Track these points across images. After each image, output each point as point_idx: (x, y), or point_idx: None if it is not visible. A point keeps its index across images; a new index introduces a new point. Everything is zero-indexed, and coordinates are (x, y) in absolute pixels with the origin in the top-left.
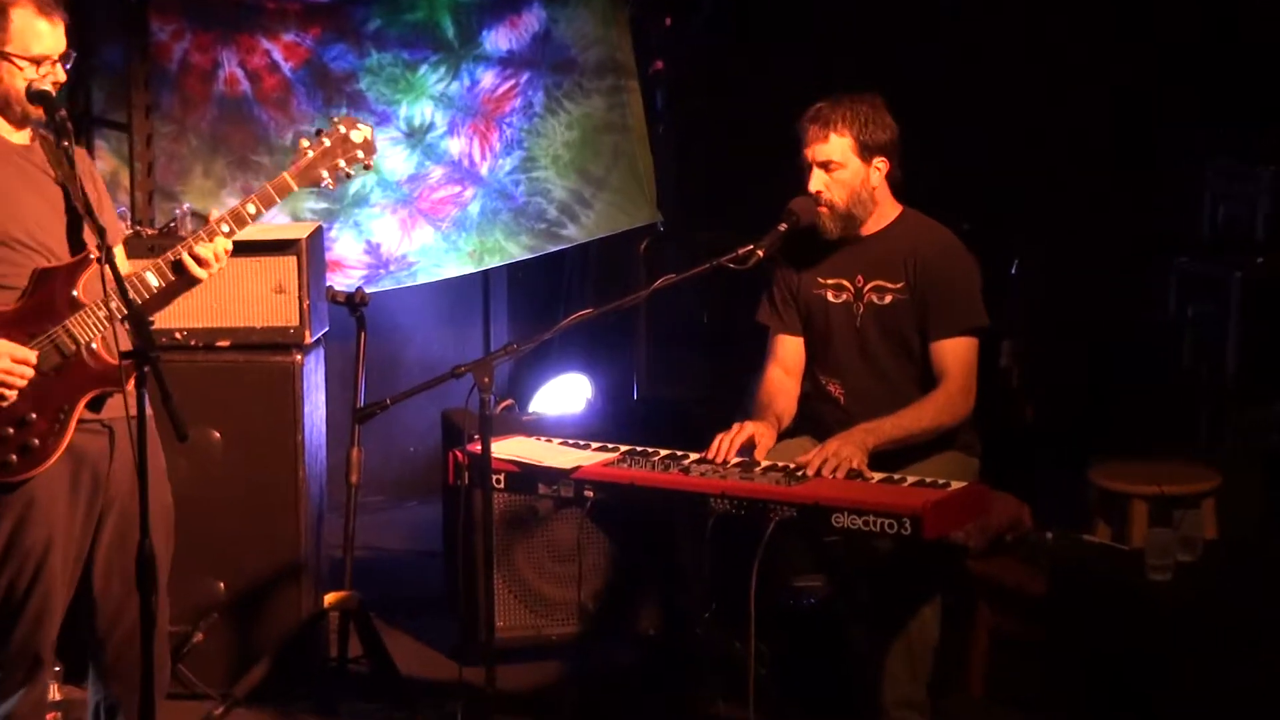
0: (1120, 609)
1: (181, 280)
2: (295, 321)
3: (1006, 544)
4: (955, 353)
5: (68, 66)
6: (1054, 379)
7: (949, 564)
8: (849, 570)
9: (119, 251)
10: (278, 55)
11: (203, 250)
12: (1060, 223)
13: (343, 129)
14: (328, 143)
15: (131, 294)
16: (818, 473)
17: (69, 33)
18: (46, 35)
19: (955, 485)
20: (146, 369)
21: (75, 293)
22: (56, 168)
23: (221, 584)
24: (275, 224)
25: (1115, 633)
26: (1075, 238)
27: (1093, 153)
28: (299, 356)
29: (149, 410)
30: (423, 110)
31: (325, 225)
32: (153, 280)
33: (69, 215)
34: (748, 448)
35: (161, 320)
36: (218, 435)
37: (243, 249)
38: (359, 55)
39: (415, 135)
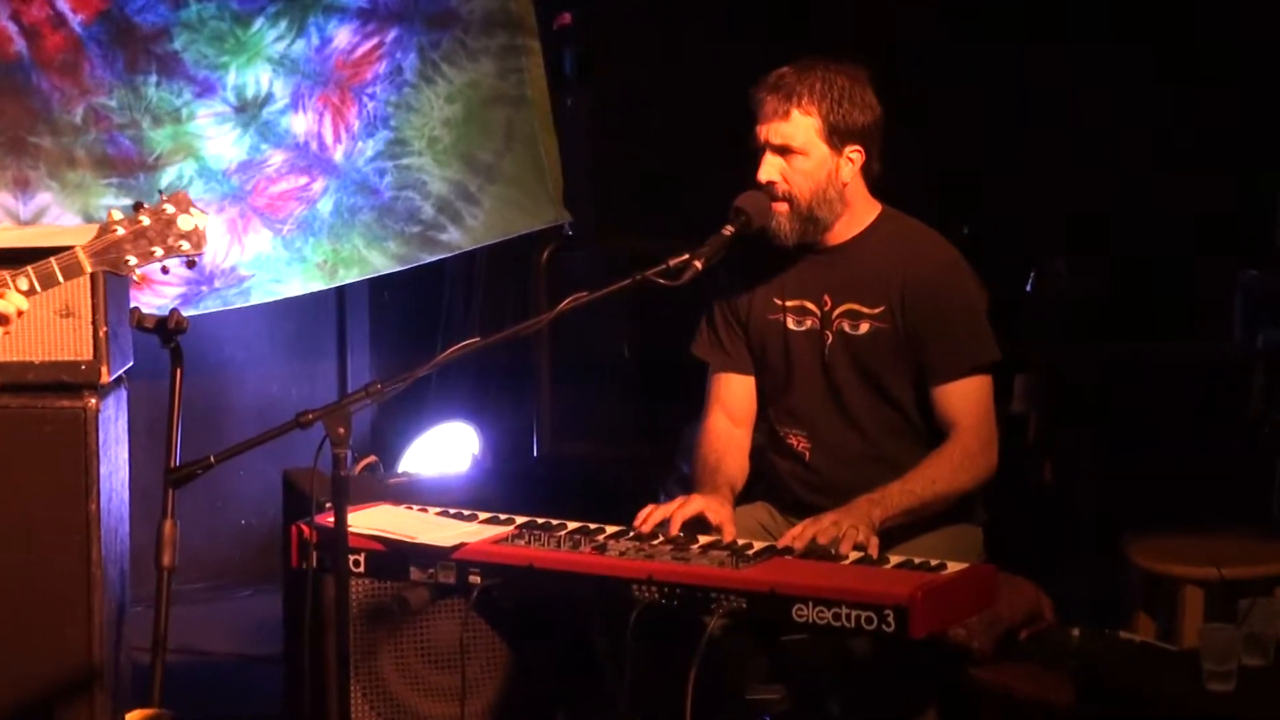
0: None
1: None
2: (87, 355)
3: (1020, 644)
4: (966, 397)
5: None
6: (1082, 428)
7: (945, 670)
8: (815, 679)
9: None
10: (63, 5)
11: None
12: (1090, 226)
13: (169, 209)
14: (145, 222)
15: None
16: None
17: None
18: None
19: (953, 567)
20: None
21: None
22: None
23: None
24: (60, 225)
25: None
26: (1111, 245)
27: (1134, 136)
28: (93, 400)
29: None
30: (257, 77)
31: None
32: None
33: None
34: (694, 527)
35: None
36: None
37: (14, 259)
38: (172, 5)
39: (248, 110)
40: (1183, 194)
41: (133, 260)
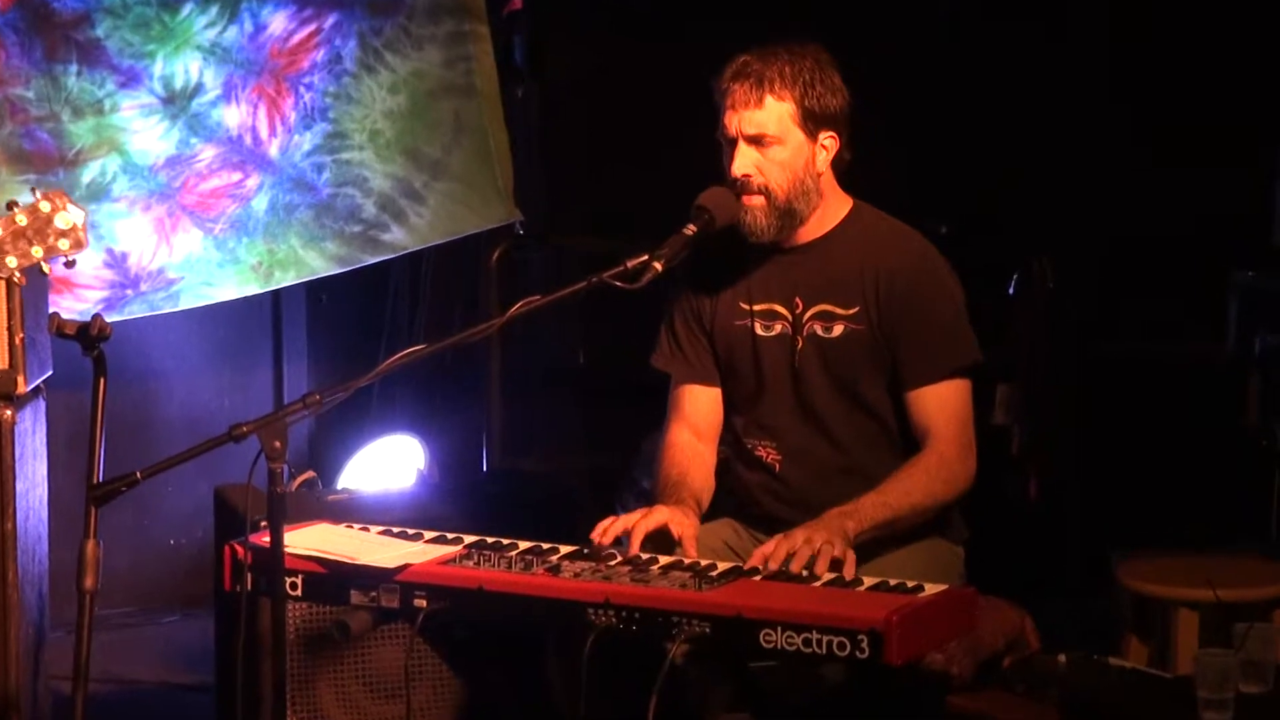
0: None
1: None
2: (2, 364)
3: (1003, 671)
4: (943, 402)
5: None
6: (1068, 440)
7: (923, 699)
8: (785, 709)
9: None
10: None
11: None
12: (1078, 224)
13: (45, 208)
14: (22, 221)
15: None
16: (782, 567)
17: None
18: None
19: (932, 588)
20: None
21: None
22: None
23: None
24: None
25: None
26: (1097, 244)
27: (1125, 129)
28: (8, 412)
29: None
30: (186, 66)
31: None
32: None
33: None
34: (656, 541)
35: None
36: None
37: None
38: None
39: (176, 101)
40: (1175, 190)
41: (13, 262)
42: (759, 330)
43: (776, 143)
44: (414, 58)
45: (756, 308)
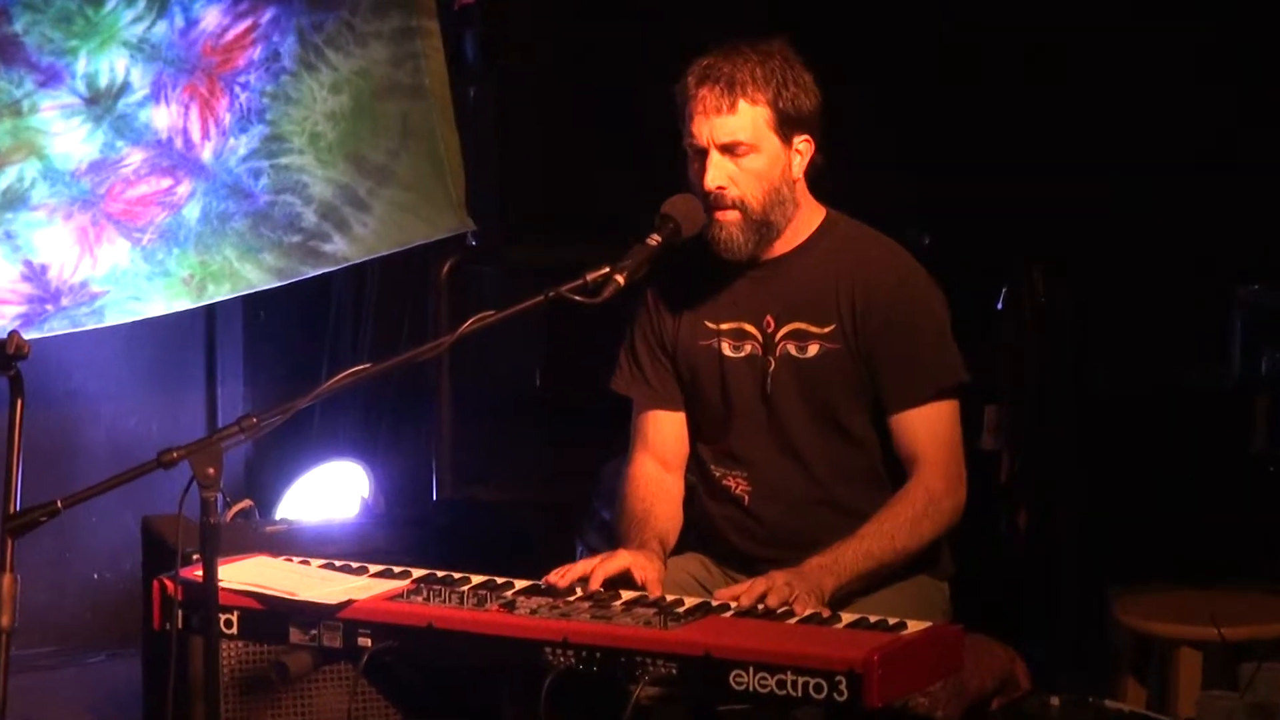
0: None
1: None
2: None
3: (992, 714)
4: (930, 426)
5: None
6: (1061, 466)
7: None
8: None
9: None
10: None
11: None
12: (1071, 233)
13: None
14: None
15: None
16: (758, 604)
17: None
18: None
19: (915, 626)
20: None
21: None
22: None
23: None
24: None
25: None
26: (1093, 256)
27: (1123, 131)
28: None
29: None
30: (111, 64)
31: None
32: None
33: None
34: (618, 586)
35: None
36: None
37: None
38: None
39: (100, 102)
40: (1177, 198)
41: None
42: (727, 351)
43: (752, 150)
44: (358, 55)
45: (724, 326)
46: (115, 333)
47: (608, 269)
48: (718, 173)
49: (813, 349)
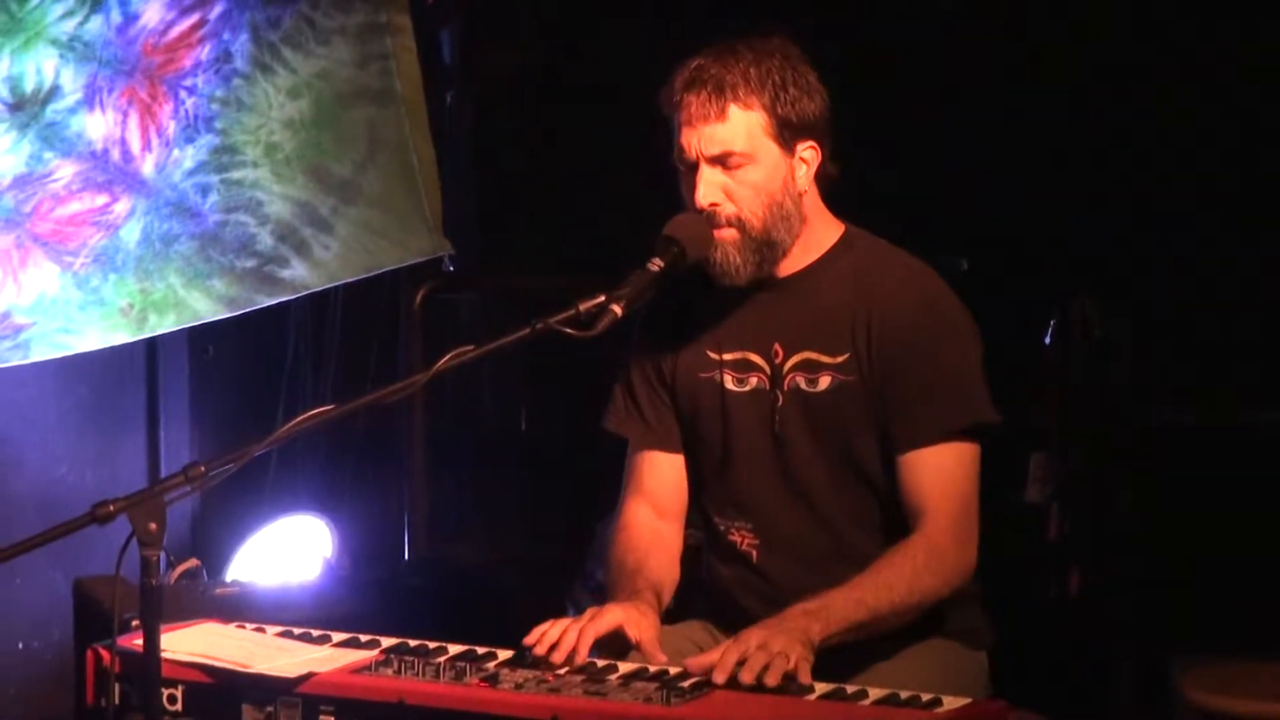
0: None
1: None
2: None
3: None
4: (940, 471)
5: None
6: (1117, 521)
7: None
8: None
9: None
10: None
11: None
12: (1129, 259)
13: None
14: None
15: None
16: (730, 680)
17: None
18: None
19: (951, 703)
20: None
21: None
22: None
23: None
24: None
25: None
26: (1153, 286)
27: (1189, 148)
28: None
29: None
30: (38, 64)
31: None
32: None
33: None
34: (609, 647)
35: None
36: None
37: None
38: None
39: (26, 107)
40: (1245, 219)
41: None
42: (730, 384)
43: (747, 161)
44: (319, 55)
45: (727, 357)
46: (43, 369)
47: (603, 298)
48: (709, 188)
49: (824, 381)
